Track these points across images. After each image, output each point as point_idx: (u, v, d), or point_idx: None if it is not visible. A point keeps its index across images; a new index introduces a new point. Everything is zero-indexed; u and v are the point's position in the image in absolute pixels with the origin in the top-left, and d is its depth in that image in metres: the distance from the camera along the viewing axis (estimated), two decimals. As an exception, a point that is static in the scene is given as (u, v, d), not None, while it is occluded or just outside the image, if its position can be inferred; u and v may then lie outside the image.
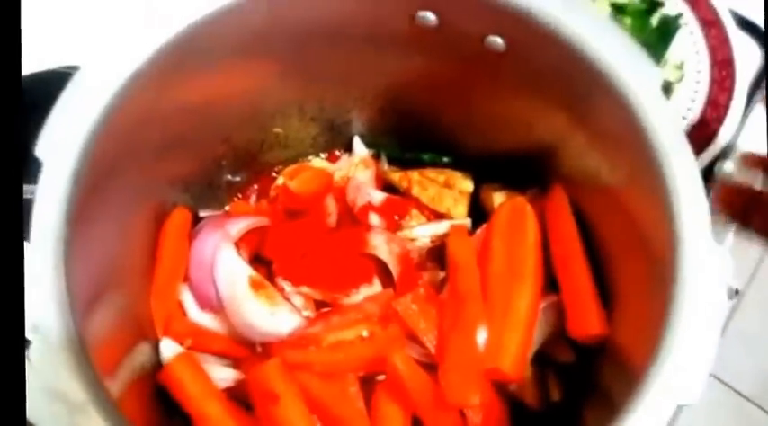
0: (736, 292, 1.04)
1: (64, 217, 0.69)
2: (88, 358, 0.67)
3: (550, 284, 0.90)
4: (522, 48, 0.81)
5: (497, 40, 0.82)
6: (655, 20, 1.22)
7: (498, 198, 0.98)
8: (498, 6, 0.78)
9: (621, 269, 0.84)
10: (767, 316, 1.97)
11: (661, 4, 1.23)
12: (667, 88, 1.17)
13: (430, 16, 0.82)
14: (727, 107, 1.14)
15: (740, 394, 2.13)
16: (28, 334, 0.65)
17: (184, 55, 0.78)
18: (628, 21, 1.21)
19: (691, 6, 1.22)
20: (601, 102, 0.76)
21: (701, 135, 1.12)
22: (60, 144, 0.70)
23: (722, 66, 1.17)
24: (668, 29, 1.22)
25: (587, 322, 0.85)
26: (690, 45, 1.20)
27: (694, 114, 1.15)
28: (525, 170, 0.96)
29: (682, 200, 0.70)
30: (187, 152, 0.93)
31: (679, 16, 1.22)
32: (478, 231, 0.96)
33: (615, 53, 0.74)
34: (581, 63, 0.76)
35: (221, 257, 0.92)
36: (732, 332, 2.19)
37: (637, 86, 0.73)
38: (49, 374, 0.64)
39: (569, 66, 0.77)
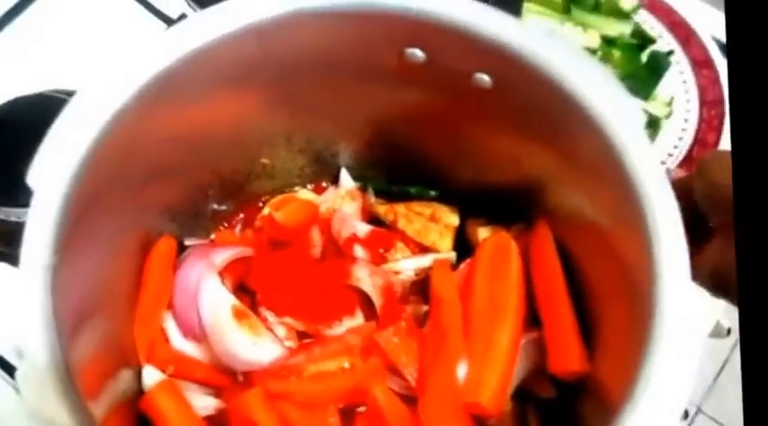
0: (729, 331, 1.04)
1: (52, 243, 0.69)
2: (74, 383, 0.67)
3: (532, 319, 0.91)
4: (509, 86, 0.82)
5: (484, 77, 0.83)
6: (645, 55, 1.24)
7: (483, 232, 0.99)
8: (485, 45, 0.79)
9: (603, 306, 0.84)
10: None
11: (652, 41, 1.24)
12: (655, 123, 1.18)
13: (418, 53, 0.84)
14: (715, 146, 1.15)
15: (737, 434, 2.12)
16: (15, 359, 0.65)
17: (175, 85, 0.79)
18: (617, 53, 1.22)
19: (682, 45, 1.24)
20: (584, 140, 0.77)
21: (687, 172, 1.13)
22: (51, 172, 0.71)
23: (712, 105, 1.19)
24: (658, 65, 1.23)
25: (568, 358, 0.86)
26: (679, 83, 1.22)
27: (681, 151, 1.16)
28: (511, 205, 0.96)
29: (661, 239, 0.70)
30: (174, 181, 0.93)
31: (670, 53, 1.23)
32: (462, 265, 0.96)
33: (598, 92, 0.75)
34: (565, 101, 0.77)
35: (205, 286, 0.92)
36: (729, 374, 2.20)
37: (619, 125, 0.74)
38: (35, 399, 0.64)
39: (554, 103, 0.78)
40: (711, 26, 1.26)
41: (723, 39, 1.15)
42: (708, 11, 1.30)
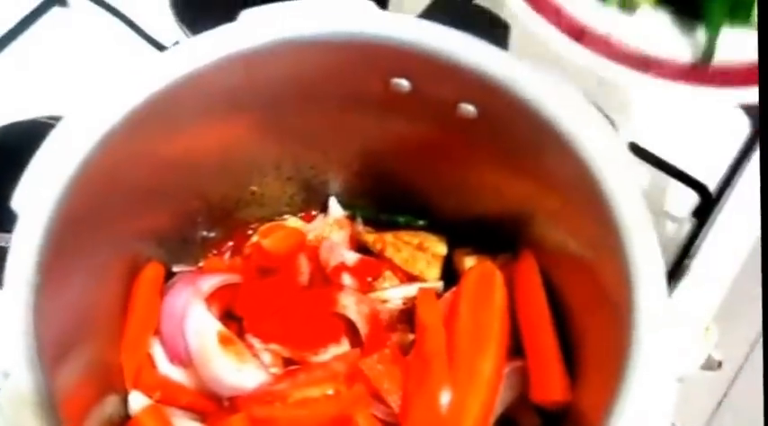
0: (720, 364, 1.05)
1: (36, 267, 0.70)
2: (55, 406, 0.68)
3: (516, 349, 0.91)
4: (493, 116, 0.84)
5: (469, 108, 0.84)
6: None
7: (469, 262, 1.00)
8: (469, 75, 0.81)
9: (586, 335, 0.85)
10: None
11: None
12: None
13: (403, 83, 0.85)
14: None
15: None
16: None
17: (163, 111, 0.80)
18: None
19: None
20: (565, 170, 0.78)
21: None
22: (36, 197, 0.72)
23: None
24: None
25: (551, 387, 0.86)
26: None
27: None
28: (497, 235, 0.97)
29: (639, 269, 0.71)
30: (162, 207, 0.94)
31: None
32: (447, 294, 0.97)
33: (580, 123, 0.77)
34: (546, 131, 0.78)
35: (192, 312, 0.93)
36: (727, 410, 2.19)
37: (599, 156, 0.76)
38: (15, 420, 0.65)
39: (536, 133, 0.80)
40: None
41: None
42: None
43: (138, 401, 0.92)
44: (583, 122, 0.77)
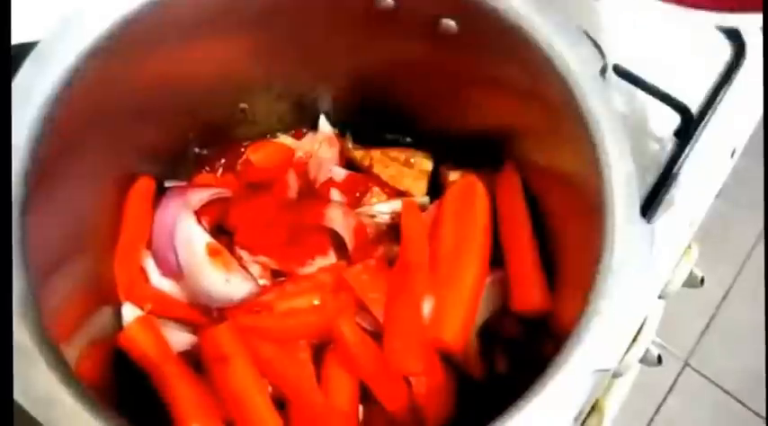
0: (702, 281, 1.07)
1: (22, 180, 0.71)
2: (40, 312, 0.69)
3: (498, 260, 0.93)
4: (474, 32, 0.85)
5: (450, 23, 0.86)
6: None
7: (453, 176, 1.02)
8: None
9: (566, 244, 0.87)
10: (752, 312, 1.99)
11: None
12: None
13: (388, -2, 0.86)
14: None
15: (722, 388, 2.15)
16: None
17: (148, 27, 0.81)
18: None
19: None
20: (545, 85, 0.80)
21: None
22: (21, 108, 0.72)
23: None
24: None
25: (531, 296, 0.89)
26: None
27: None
28: (481, 150, 0.99)
29: (613, 179, 0.74)
30: (153, 122, 0.95)
31: None
32: (430, 206, 0.99)
33: (559, 37, 0.78)
34: (526, 46, 0.80)
35: (181, 224, 0.95)
36: (716, 329, 2.22)
37: (578, 71, 0.77)
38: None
39: (516, 49, 0.81)
40: None
41: None
42: None
43: (130, 312, 0.95)
44: (561, 35, 0.78)
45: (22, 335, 0.66)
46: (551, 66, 0.79)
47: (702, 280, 1.13)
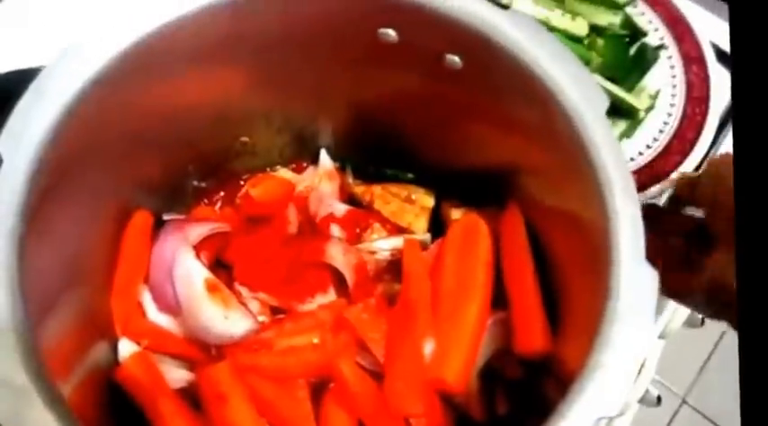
0: (703, 321, 1.06)
1: (19, 212, 0.70)
2: (38, 352, 0.67)
3: (501, 300, 0.92)
4: (478, 68, 0.84)
5: (455, 59, 0.84)
6: (633, 48, 1.25)
7: (456, 214, 1.00)
8: (455, 26, 0.81)
9: (569, 287, 0.85)
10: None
11: (644, 34, 1.24)
12: (636, 115, 1.18)
13: (391, 33, 0.85)
14: (693, 143, 1.16)
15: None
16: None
17: (148, 58, 0.80)
18: (602, 42, 1.23)
19: (676, 40, 1.24)
20: (549, 123, 0.79)
21: (662, 165, 1.14)
22: (16, 142, 0.71)
23: (697, 103, 1.18)
24: (645, 58, 1.23)
25: (533, 338, 0.87)
26: (668, 78, 1.22)
27: (660, 144, 1.16)
28: (484, 188, 0.97)
29: (620, 223, 0.72)
30: (151, 155, 0.94)
31: (660, 47, 1.23)
32: (432, 245, 0.98)
33: (566, 75, 0.77)
34: (532, 84, 0.78)
35: (180, 259, 0.93)
36: (715, 366, 2.21)
37: (583, 109, 0.76)
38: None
39: (521, 86, 0.80)
40: (710, 28, 1.26)
41: (720, 43, 1.18)
42: (708, 16, 1.30)
43: (126, 348, 0.93)
44: (569, 74, 0.77)
45: (19, 375, 0.64)
46: (557, 104, 0.77)
47: (703, 321, 1.12)
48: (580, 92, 0.76)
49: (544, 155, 0.84)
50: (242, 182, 1.09)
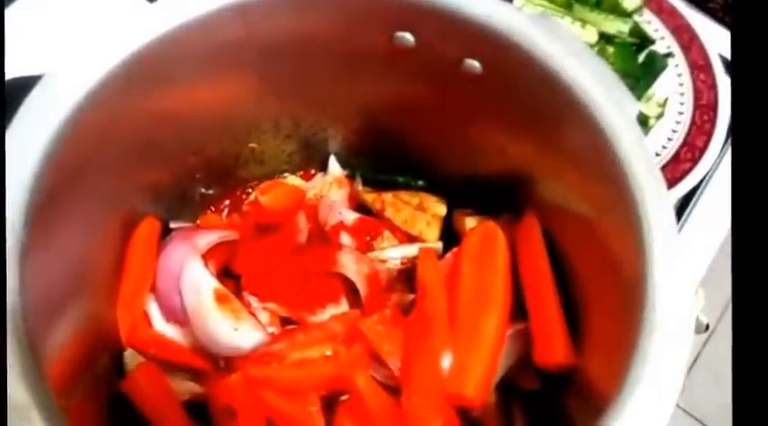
0: (707, 327, 1.01)
1: (22, 220, 0.64)
2: (39, 362, 0.62)
3: (519, 311, 0.86)
4: (499, 73, 0.79)
5: (474, 64, 0.79)
6: (642, 55, 1.22)
7: (470, 222, 0.95)
8: (476, 30, 0.76)
9: (592, 298, 0.80)
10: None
11: (651, 41, 1.22)
12: (646, 123, 1.15)
13: (408, 37, 0.80)
14: (703, 150, 1.13)
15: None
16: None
17: (155, 64, 0.75)
18: (612, 50, 1.19)
19: (683, 48, 1.21)
20: (575, 130, 0.74)
21: (672, 173, 1.11)
22: (21, 147, 0.66)
23: (705, 110, 1.17)
24: (654, 65, 1.21)
25: (554, 350, 0.81)
26: (675, 85, 1.19)
27: (669, 152, 1.13)
28: (499, 195, 0.92)
29: (653, 232, 0.66)
30: (157, 162, 0.89)
31: (668, 55, 1.20)
32: (448, 255, 0.92)
33: (592, 81, 0.72)
34: (557, 89, 0.73)
35: (188, 269, 0.88)
36: (701, 369, 2.18)
37: (612, 116, 0.71)
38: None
39: (545, 91, 0.75)
40: (716, 38, 1.25)
41: (726, 54, 1.15)
42: (714, 27, 1.29)
43: (132, 358, 0.88)
44: (594, 78, 0.72)
45: (20, 394, 0.59)
46: (582, 110, 0.72)
47: (707, 327, 1.07)
48: (610, 97, 0.71)
49: (569, 164, 0.79)
50: (249, 190, 1.04)
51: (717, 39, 1.24)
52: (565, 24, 1.17)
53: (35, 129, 0.67)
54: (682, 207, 1.13)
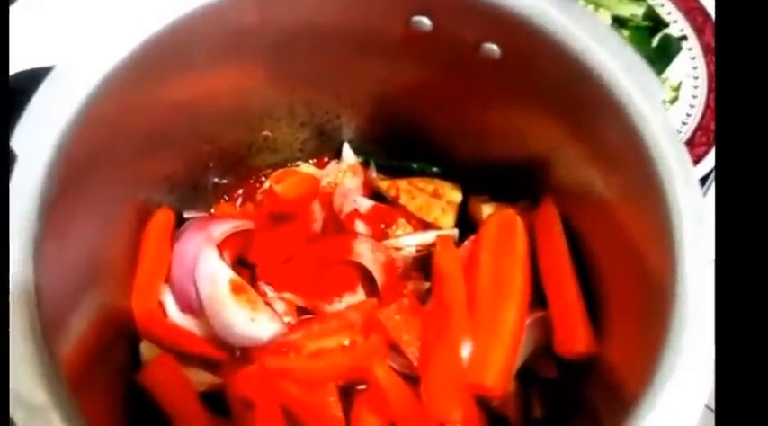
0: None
1: (36, 211, 0.62)
2: (56, 359, 0.60)
3: (538, 299, 0.84)
4: (519, 57, 0.76)
5: (493, 48, 0.76)
6: (656, 39, 1.19)
7: (487, 209, 0.92)
8: (496, 13, 0.73)
9: (613, 286, 0.77)
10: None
11: (665, 25, 1.19)
12: (661, 105, 1.12)
13: (425, 21, 0.77)
14: (717, 133, 1.10)
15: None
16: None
17: (168, 51, 0.73)
18: (626, 34, 1.16)
19: (697, 31, 1.18)
20: (599, 113, 0.71)
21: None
22: (36, 137, 0.64)
23: None
24: (668, 48, 1.18)
25: (575, 339, 0.79)
26: (689, 69, 1.17)
27: (683, 136, 1.09)
28: (516, 181, 0.89)
29: (683, 218, 0.63)
30: (171, 151, 0.86)
31: (682, 38, 1.17)
32: (466, 242, 0.89)
33: (619, 67, 0.69)
34: (581, 73, 0.70)
35: (203, 259, 0.85)
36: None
37: (639, 99, 0.68)
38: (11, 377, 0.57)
39: (568, 75, 0.72)
40: None
41: None
42: None
43: (148, 350, 0.86)
44: (620, 61, 0.69)
45: (38, 394, 0.57)
46: (607, 94, 0.69)
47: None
48: (638, 82, 0.68)
49: (589, 147, 0.76)
50: (263, 179, 1.01)
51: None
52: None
53: (47, 121, 0.65)
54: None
